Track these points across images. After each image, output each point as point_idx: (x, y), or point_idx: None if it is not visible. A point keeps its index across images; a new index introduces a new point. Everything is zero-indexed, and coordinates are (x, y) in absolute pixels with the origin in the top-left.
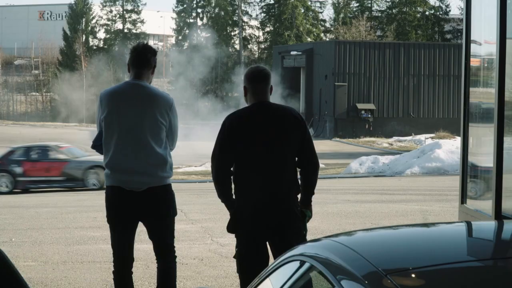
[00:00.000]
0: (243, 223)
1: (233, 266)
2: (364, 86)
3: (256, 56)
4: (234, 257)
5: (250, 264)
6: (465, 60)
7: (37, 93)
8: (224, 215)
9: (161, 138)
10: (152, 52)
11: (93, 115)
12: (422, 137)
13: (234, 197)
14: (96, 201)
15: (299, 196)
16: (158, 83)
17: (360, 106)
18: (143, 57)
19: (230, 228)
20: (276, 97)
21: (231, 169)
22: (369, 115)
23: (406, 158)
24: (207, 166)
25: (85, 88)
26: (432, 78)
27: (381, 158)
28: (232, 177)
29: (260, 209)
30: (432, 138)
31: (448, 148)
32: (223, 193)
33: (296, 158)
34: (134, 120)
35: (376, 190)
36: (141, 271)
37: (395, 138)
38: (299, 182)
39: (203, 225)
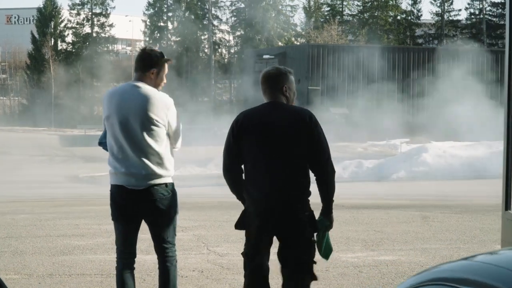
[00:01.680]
0: (248, 224)
1: (237, 279)
2: (337, 90)
3: (226, 60)
4: (241, 254)
5: (254, 264)
6: (509, 60)
7: (4, 98)
8: (214, 222)
9: (160, 137)
10: (147, 56)
11: (61, 119)
12: (397, 141)
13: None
14: (74, 207)
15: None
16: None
17: (333, 110)
18: (139, 61)
19: (237, 225)
20: (248, 102)
21: (242, 166)
22: (343, 119)
23: (392, 162)
24: (181, 171)
25: (54, 92)
26: (406, 82)
27: (365, 162)
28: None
29: (261, 211)
30: (407, 143)
31: (435, 152)
32: (233, 189)
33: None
34: (131, 120)
35: (367, 195)
36: (137, 284)
37: (369, 142)
38: (308, 187)
39: (195, 233)
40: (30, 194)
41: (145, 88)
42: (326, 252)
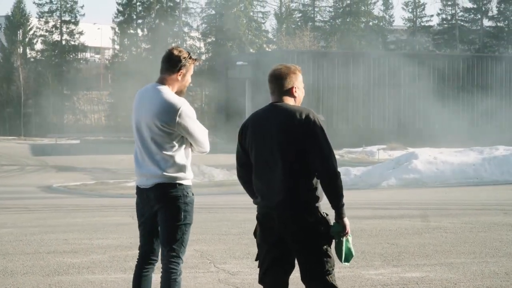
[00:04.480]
0: (257, 231)
1: None
2: (313, 96)
3: (197, 67)
4: (255, 259)
5: (266, 274)
6: None
7: None
8: (214, 235)
9: (168, 141)
10: (175, 56)
11: (31, 128)
12: (373, 148)
13: None
14: (59, 219)
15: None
16: (97, 95)
17: None
18: (166, 62)
19: (254, 233)
20: (220, 108)
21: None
22: None
23: (380, 169)
24: None
25: (23, 100)
26: (382, 88)
27: (352, 169)
28: None
29: (262, 217)
30: (384, 149)
31: (425, 159)
32: (248, 194)
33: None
34: (142, 123)
35: (364, 204)
36: None
37: (345, 149)
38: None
39: (196, 248)
40: (6, 205)
41: (162, 92)
42: (347, 257)
